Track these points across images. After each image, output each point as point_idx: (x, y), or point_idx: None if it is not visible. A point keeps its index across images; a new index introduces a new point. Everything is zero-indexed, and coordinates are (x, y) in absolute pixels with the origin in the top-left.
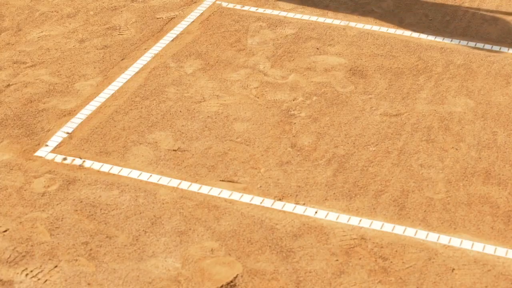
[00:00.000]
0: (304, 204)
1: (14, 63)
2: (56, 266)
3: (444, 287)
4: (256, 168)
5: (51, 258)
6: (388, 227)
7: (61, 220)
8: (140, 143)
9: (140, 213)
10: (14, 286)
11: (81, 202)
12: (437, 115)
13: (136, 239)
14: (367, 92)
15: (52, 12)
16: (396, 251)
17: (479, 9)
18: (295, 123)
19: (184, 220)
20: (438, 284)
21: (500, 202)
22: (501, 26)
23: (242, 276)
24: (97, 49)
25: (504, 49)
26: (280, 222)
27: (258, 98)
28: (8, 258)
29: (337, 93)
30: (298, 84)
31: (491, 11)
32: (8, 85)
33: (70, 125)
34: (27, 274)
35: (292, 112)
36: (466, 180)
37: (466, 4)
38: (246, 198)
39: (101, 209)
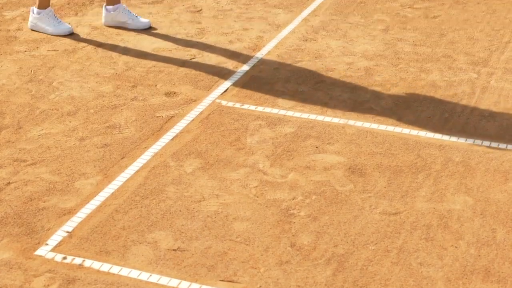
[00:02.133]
0: None
1: (15, 161)
2: None
3: None
4: (255, 268)
5: None
6: None
7: None
8: (140, 243)
9: None
10: None
11: None
12: (436, 213)
13: None
14: (366, 190)
15: (52, 110)
16: None
17: (477, 106)
18: (294, 222)
19: None
20: None
21: None
22: (499, 123)
23: None
24: (97, 147)
25: (503, 146)
26: None
27: (257, 197)
28: None
29: (336, 192)
30: (298, 183)
31: (489, 108)
32: (8, 183)
33: (70, 224)
34: None
35: (292, 211)
36: (466, 278)
37: (464, 101)
38: None
39: None
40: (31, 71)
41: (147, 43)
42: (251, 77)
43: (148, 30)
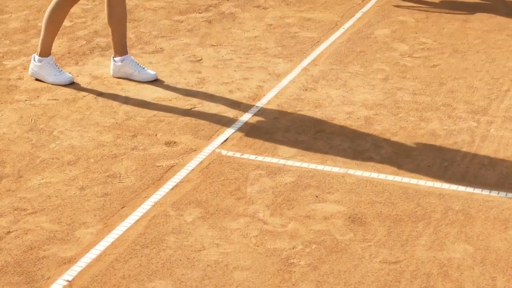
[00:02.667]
0: None
1: (15, 209)
2: None
3: None
4: None
5: None
6: None
7: None
8: None
9: None
10: None
11: None
12: (436, 262)
13: None
14: (366, 239)
15: (53, 159)
16: None
17: (477, 154)
18: (294, 271)
19: None
20: None
21: None
22: (499, 171)
23: None
24: (97, 196)
25: (502, 194)
26: None
27: (257, 246)
28: None
29: (337, 241)
30: (298, 232)
31: (489, 156)
32: (9, 232)
33: (70, 273)
34: None
35: (292, 261)
36: None
37: (464, 150)
38: None
39: None
40: (31, 120)
41: (147, 93)
42: (251, 127)
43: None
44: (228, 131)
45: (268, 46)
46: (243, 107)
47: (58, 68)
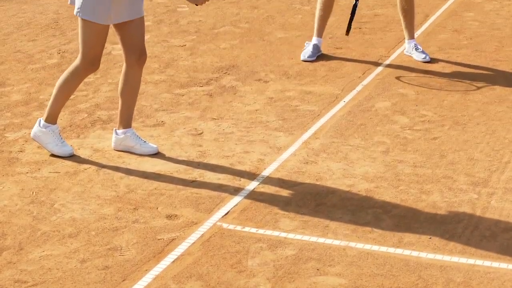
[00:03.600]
0: None
1: (16, 282)
2: None
3: None
4: None
5: None
6: None
7: None
8: None
9: None
10: None
11: None
12: None
13: None
14: None
15: (54, 232)
16: None
17: (478, 226)
18: None
19: None
20: None
21: None
22: (500, 243)
23: None
24: (98, 269)
25: (504, 266)
26: None
27: None
28: None
29: None
30: None
31: (490, 228)
32: None
33: None
34: None
35: None
36: None
37: (465, 222)
38: None
39: None
40: (32, 192)
41: (148, 166)
42: (252, 200)
43: None
44: (229, 204)
45: (269, 119)
46: (244, 181)
47: (61, 139)
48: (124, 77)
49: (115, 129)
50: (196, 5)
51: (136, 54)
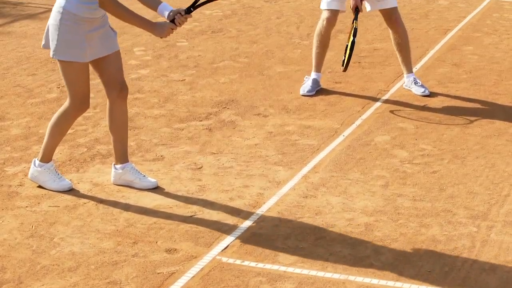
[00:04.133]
0: None
1: None
2: None
3: None
4: None
5: None
6: None
7: None
8: None
9: None
10: None
11: None
12: None
13: None
14: None
15: (53, 265)
16: None
17: (477, 259)
18: None
19: None
20: None
21: None
22: (500, 276)
23: None
24: None
25: None
26: None
27: None
28: None
29: None
30: None
31: (490, 261)
32: None
33: None
34: None
35: None
36: None
37: (465, 255)
38: None
39: None
40: (32, 226)
41: (148, 200)
42: (252, 234)
43: None
44: (229, 238)
45: (268, 153)
46: (244, 215)
47: (58, 174)
48: (110, 113)
49: (114, 164)
50: (161, 37)
51: (116, 89)
